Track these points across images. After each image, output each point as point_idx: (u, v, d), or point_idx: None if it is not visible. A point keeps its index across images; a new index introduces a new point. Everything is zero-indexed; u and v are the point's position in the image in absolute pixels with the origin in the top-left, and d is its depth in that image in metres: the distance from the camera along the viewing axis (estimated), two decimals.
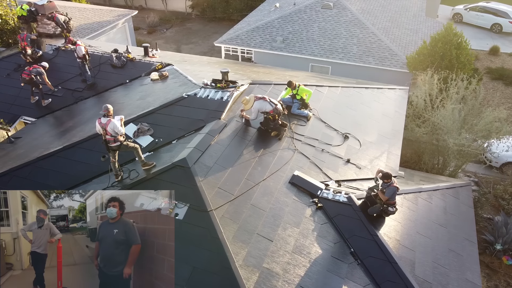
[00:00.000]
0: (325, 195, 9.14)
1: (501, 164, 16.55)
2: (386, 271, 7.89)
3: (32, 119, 13.14)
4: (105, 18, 24.45)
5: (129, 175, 8.95)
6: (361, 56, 18.99)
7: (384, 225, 8.80)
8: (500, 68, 25.18)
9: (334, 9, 21.28)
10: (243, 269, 7.18)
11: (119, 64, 14.45)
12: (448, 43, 16.41)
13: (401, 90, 14.62)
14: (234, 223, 7.91)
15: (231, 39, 20.99)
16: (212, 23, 34.08)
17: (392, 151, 11.51)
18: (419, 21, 23.04)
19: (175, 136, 9.89)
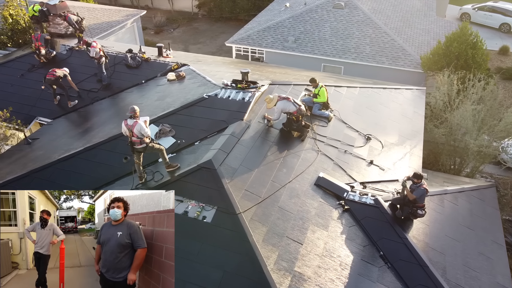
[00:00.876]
0: (351, 197, 9.02)
1: None
2: (417, 275, 7.76)
3: (48, 120, 13.02)
4: (114, 18, 24.36)
5: (153, 177, 8.83)
6: (374, 56, 18.85)
7: (412, 227, 8.68)
8: (511, 68, 25.03)
9: (345, 9, 21.14)
10: (275, 273, 7.06)
11: (134, 64, 14.33)
12: (464, 43, 16.27)
13: (418, 90, 14.49)
14: (263, 226, 7.79)
15: (242, 39, 20.86)
16: (219, 23, 33.96)
17: (414, 153, 11.38)
18: (430, 21, 22.89)
19: (197, 137, 9.78)
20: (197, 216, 7.83)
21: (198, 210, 7.91)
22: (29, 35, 17.97)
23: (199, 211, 7.90)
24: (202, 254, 7.36)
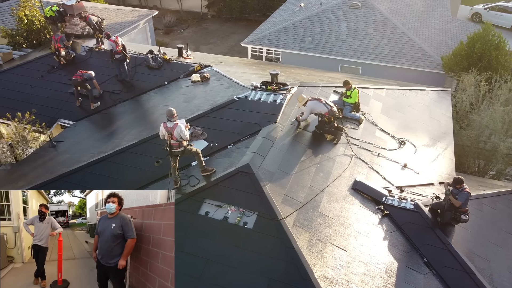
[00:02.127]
0: (390, 202, 8.82)
1: None
2: (464, 282, 7.56)
3: (70, 122, 12.84)
4: (126, 18, 24.22)
5: (188, 181, 8.63)
6: (393, 56, 18.64)
7: (453, 233, 8.47)
8: None
9: (362, 9, 20.94)
10: (322, 281, 6.87)
11: (155, 66, 14.16)
12: (487, 43, 16.05)
13: (443, 91, 14.29)
14: (306, 232, 7.59)
15: (258, 39, 20.67)
16: (228, 23, 33.78)
17: (445, 155, 11.18)
18: (446, 21, 22.67)
19: (230, 140, 9.59)
20: (238, 222, 7.64)
21: (239, 216, 7.72)
22: (44, 36, 17.82)
23: (240, 217, 7.71)
24: (245, 261, 7.17)
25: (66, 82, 13.98)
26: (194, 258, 7.29)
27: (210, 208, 7.92)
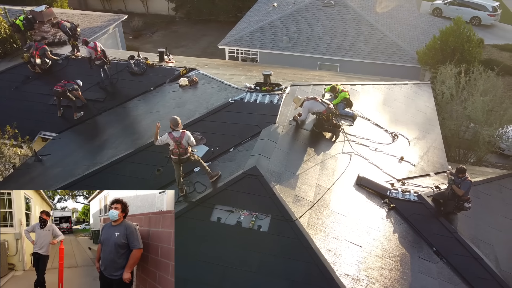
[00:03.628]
0: (394, 195, 8.99)
1: None
2: (473, 268, 7.82)
3: (53, 134, 12.25)
4: (95, 23, 23.46)
5: (194, 188, 8.44)
6: (370, 52, 19.08)
7: (457, 221, 8.74)
8: (488, 60, 26.03)
9: (335, 7, 21.29)
10: (344, 278, 6.90)
11: (139, 71, 13.77)
12: (459, 36, 16.73)
13: (424, 84, 14.75)
14: (321, 231, 7.60)
15: (236, 40, 20.57)
16: (198, 25, 33.40)
17: (436, 146, 11.54)
18: (414, 16, 23.46)
19: (231, 144, 9.45)
20: (252, 226, 7.55)
21: (252, 220, 7.63)
22: (10, 45, 16.88)
23: (253, 221, 7.61)
24: (264, 265, 7.09)
25: (44, 93, 13.34)
26: (212, 266, 7.14)
27: (222, 214, 7.78)
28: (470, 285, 7.66)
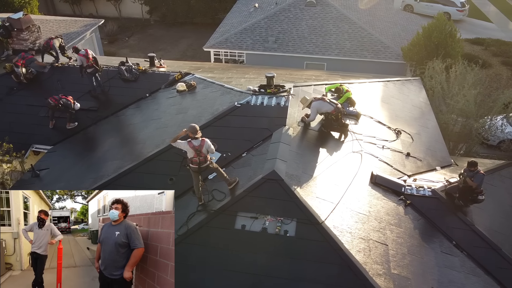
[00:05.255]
0: (409, 191, 9.09)
1: (498, 142, 17.68)
2: (493, 258, 8.02)
3: (46, 147, 11.67)
4: (71, 29, 22.68)
5: (212, 196, 8.23)
6: (355, 50, 19.31)
7: (471, 213, 8.94)
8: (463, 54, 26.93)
9: (318, 6, 21.42)
10: (377, 278, 6.90)
11: (131, 78, 13.35)
12: (442, 32, 17.19)
13: (415, 80, 15.05)
14: (347, 232, 7.58)
15: (221, 42, 20.34)
16: (174, 28, 32.82)
17: (437, 140, 11.79)
18: (392, 13, 23.94)
19: (243, 149, 9.30)
20: (279, 231, 7.42)
21: (278, 225, 7.51)
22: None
23: (279, 226, 7.49)
24: (295, 270, 7.00)
25: (32, 104, 12.71)
26: (243, 276, 6.98)
27: (246, 221, 7.62)
28: (492, 276, 7.84)
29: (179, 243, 7.38)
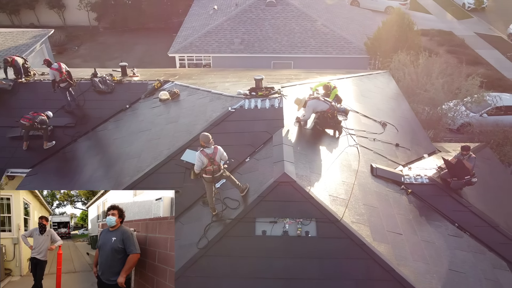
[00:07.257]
0: (408, 180, 9.47)
1: (458, 125, 18.89)
2: (494, 236, 8.57)
3: (24, 170, 10.83)
4: (20, 41, 21.30)
5: (225, 206, 8.07)
6: (321, 47, 19.76)
7: (465, 195, 9.48)
8: None
9: (278, 6, 21.66)
10: (403, 268, 7.12)
11: (107, 89, 12.72)
12: (402, 26, 18.06)
13: (384, 73, 15.67)
14: (365, 226, 7.75)
15: (186, 47, 19.95)
16: (126, 35, 31.66)
17: (418, 130, 12.36)
18: (347, 10, 24.79)
19: (245, 153, 9.20)
20: (300, 233, 7.44)
21: (299, 227, 7.52)
22: None
23: (300, 227, 7.51)
24: (323, 270, 7.06)
25: None
26: (274, 282, 6.93)
27: (265, 226, 7.56)
28: (495, 252, 8.37)
29: (202, 256, 7.19)
